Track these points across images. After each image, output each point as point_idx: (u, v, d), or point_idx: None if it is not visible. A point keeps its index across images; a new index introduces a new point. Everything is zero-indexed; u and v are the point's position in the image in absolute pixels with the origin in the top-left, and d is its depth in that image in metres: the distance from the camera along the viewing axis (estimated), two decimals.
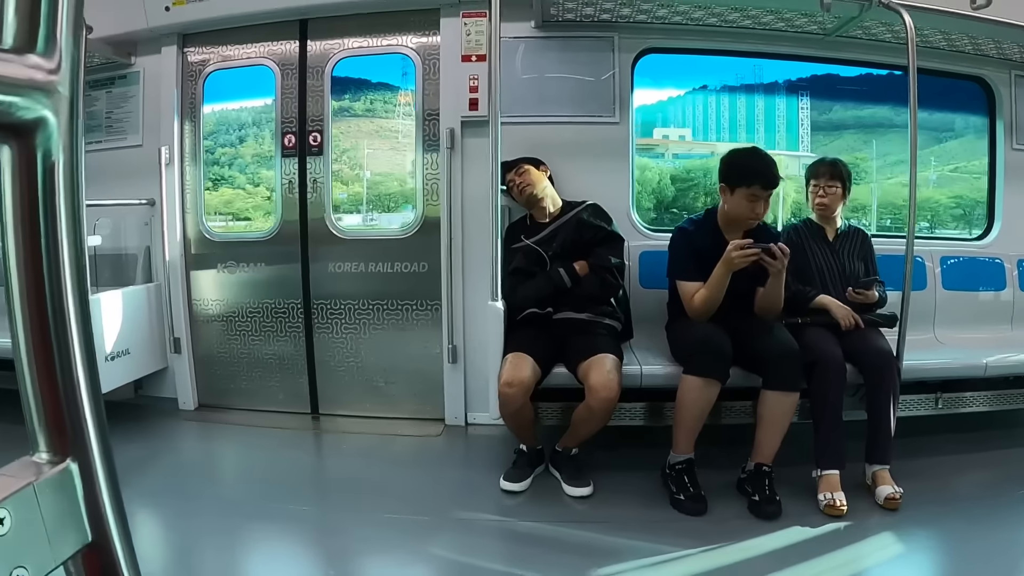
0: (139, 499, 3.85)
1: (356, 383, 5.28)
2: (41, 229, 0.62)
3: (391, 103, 5.49)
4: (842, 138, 6.31)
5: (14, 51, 0.58)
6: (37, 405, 0.65)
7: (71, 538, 0.66)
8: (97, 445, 0.68)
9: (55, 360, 0.65)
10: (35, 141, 0.60)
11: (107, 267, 5.48)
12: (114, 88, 5.51)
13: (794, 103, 6.15)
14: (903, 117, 5.85)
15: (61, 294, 0.64)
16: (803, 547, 3.30)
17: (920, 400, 4.36)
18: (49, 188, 0.62)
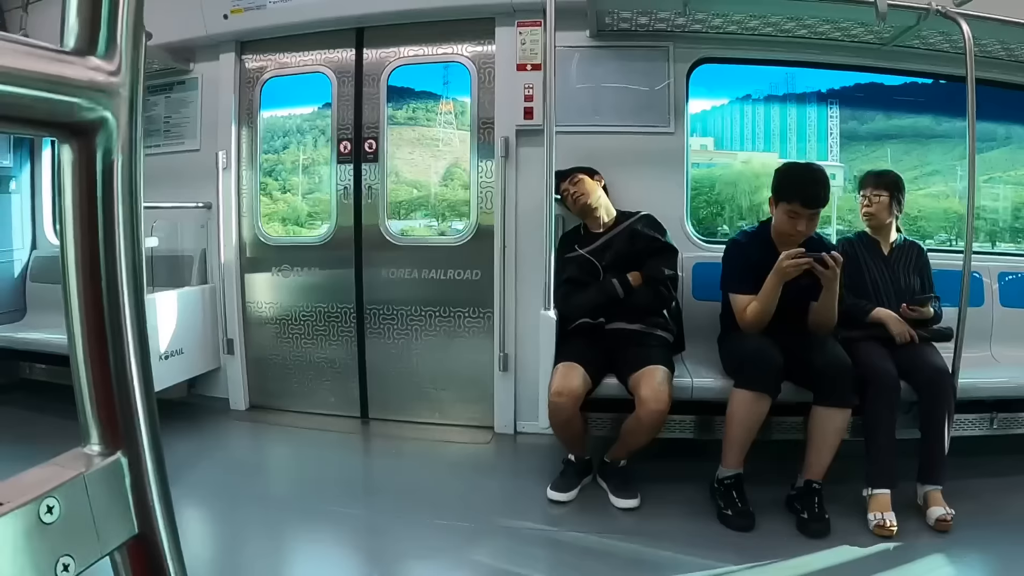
0: (189, 495, 3.94)
1: (407, 389, 5.32)
2: (99, 226, 0.63)
3: (433, 111, 5.54)
4: (881, 148, 6.22)
5: (75, 53, 0.59)
6: (90, 398, 0.66)
7: (118, 529, 0.67)
8: (147, 439, 0.69)
9: (109, 354, 0.66)
10: (95, 141, 0.62)
11: (163, 268, 5.58)
12: (172, 94, 5.61)
13: (824, 112, 6.08)
14: (944, 127, 5.79)
15: (117, 290, 0.65)
16: (851, 567, 3.26)
17: (975, 420, 4.25)
18: (108, 187, 0.63)
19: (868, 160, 6.10)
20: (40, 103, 0.56)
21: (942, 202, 6.16)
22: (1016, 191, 6.14)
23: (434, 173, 5.67)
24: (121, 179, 0.64)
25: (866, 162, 6.03)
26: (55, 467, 0.63)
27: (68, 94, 0.58)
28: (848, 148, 6.18)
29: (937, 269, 4.35)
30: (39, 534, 0.58)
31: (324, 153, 5.59)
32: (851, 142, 6.19)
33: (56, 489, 0.60)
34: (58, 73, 0.57)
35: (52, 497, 0.59)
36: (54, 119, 0.59)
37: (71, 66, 0.58)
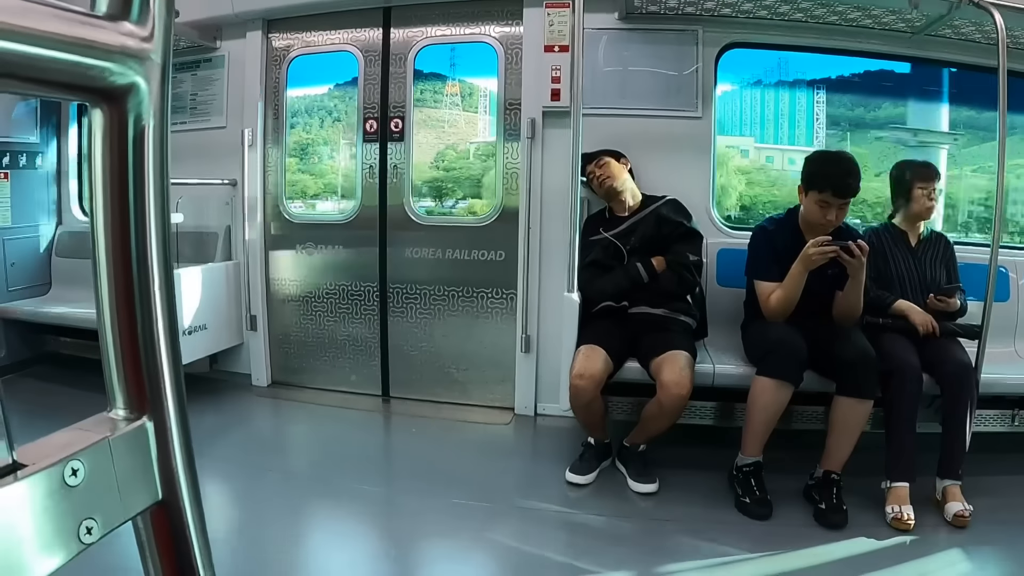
0: (210, 468, 3.98)
1: (428, 368, 5.34)
2: (130, 190, 0.64)
3: (440, 92, 5.55)
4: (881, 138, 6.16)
5: (108, 18, 0.59)
6: (117, 362, 0.67)
7: (142, 495, 0.67)
8: (173, 405, 0.69)
9: (137, 318, 0.66)
10: (127, 106, 0.62)
11: (188, 244, 5.61)
12: (199, 71, 5.63)
13: (810, 98, 6.01)
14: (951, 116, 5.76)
15: (146, 255, 0.65)
16: (867, 559, 3.25)
17: (996, 416, 4.23)
18: (139, 151, 0.63)
19: (874, 149, 6.06)
20: (72, 67, 0.56)
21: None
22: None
23: (441, 154, 5.70)
24: (152, 144, 0.64)
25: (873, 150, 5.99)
26: (80, 431, 0.64)
27: (100, 58, 0.58)
28: (853, 136, 6.12)
29: (963, 263, 4.31)
30: (63, 496, 0.58)
31: (332, 133, 5.66)
32: (856, 129, 6.14)
33: (81, 452, 0.60)
34: (91, 37, 0.57)
35: (77, 460, 0.60)
36: (86, 83, 0.59)
37: (104, 31, 0.58)
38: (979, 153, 5.93)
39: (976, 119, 5.79)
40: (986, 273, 3.84)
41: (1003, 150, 3.82)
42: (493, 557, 3.37)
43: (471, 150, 5.69)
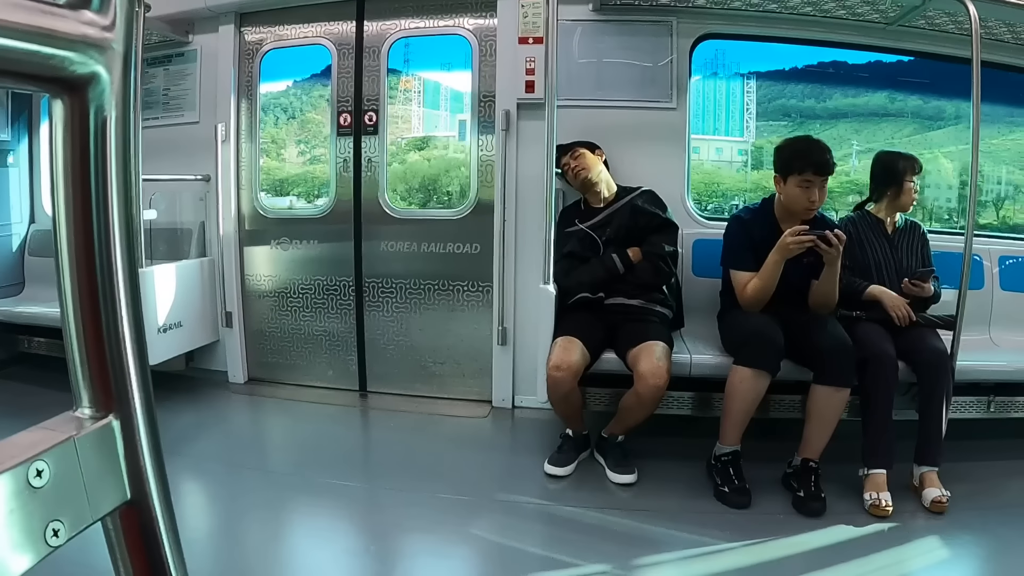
0: (187, 467, 3.97)
1: (405, 362, 5.32)
2: (92, 183, 0.62)
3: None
4: (835, 127, 6.20)
5: (68, 6, 0.58)
6: (81, 359, 0.65)
7: (110, 495, 0.66)
8: (140, 403, 0.68)
9: (101, 315, 0.65)
10: (88, 96, 0.60)
11: (162, 241, 5.58)
12: (171, 65, 5.57)
13: (742, 89, 6.05)
14: (897, 105, 5.80)
15: (110, 249, 0.64)
16: (846, 546, 3.27)
17: (973, 402, 4.25)
18: (101, 143, 0.62)
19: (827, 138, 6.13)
20: (31, 56, 0.55)
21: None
22: (953, 167, 6.19)
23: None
24: (115, 135, 0.63)
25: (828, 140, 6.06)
26: (45, 430, 0.62)
27: (60, 48, 0.57)
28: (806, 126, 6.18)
29: (938, 251, 4.35)
30: (28, 498, 0.57)
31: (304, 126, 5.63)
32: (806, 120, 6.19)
33: (46, 452, 0.59)
34: (50, 26, 0.56)
35: (41, 460, 0.58)
36: (45, 73, 0.57)
37: (64, 19, 0.57)
38: (923, 141, 6.01)
39: (922, 108, 5.87)
40: (960, 261, 3.86)
41: (976, 140, 3.84)
42: (473, 551, 3.36)
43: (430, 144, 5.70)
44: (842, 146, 6.09)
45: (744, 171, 6.26)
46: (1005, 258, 4.92)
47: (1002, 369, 4.22)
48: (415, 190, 5.62)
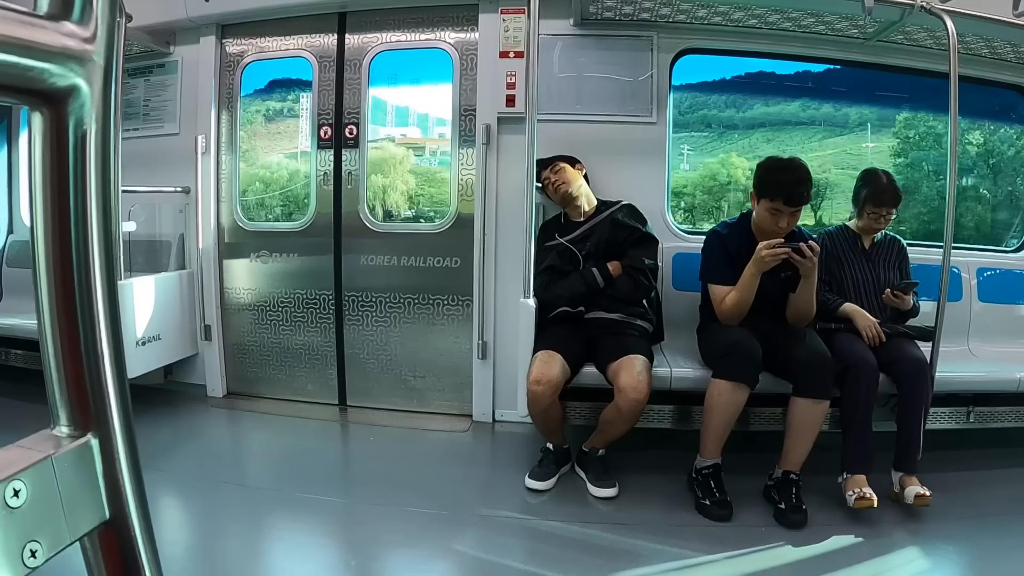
0: (166, 482, 3.93)
1: (385, 376, 5.30)
2: (71, 197, 0.61)
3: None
4: (751, 136, 6.28)
5: (49, 18, 0.57)
6: (60, 377, 0.64)
7: (88, 514, 0.65)
8: (119, 421, 0.67)
9: (80, 332, 0.64)
10: (68, 109, 0.60)
11: (141, 253, 5.51)
12: (152, 76, 5.55)
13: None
14: (808, 113, 5.88)
15: (89, 265, 0.63)
16: (828, 558, 3.28)
17: (952, 413, 4.30)
18: (80, 156, 0.61)
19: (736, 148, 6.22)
20: (10, 68, 0.54)
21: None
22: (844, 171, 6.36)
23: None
24: (94, 148, 0.62)
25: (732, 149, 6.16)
26: (21, 449, 0.61)
27: (40, 59, 0.56)
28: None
29: (916, 263, 4.37)
30: (5, 519, 0.56)
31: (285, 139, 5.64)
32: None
33: (22, 472, 0.58)
34: (30, 38, 0.55)
35: (18, 480, 0.57)
36: (24, 85, 0.57)
37: (44, 31, 0.57)
38: (832, 145, 6.12)
39: (832, 116, 5.96)
40: (939, 274, 3.89)
41: (954, 153, 3.90)
42: (454, 566, 3.34)
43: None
44: (755, 152, 6.22)
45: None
46: (983, 270, 4.98)
47: (981, 379, 4.29)
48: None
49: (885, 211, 4.15)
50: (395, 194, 5.55)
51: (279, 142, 5.75)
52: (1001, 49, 4.74)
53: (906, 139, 6.34)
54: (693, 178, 6.89)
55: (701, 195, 7.06)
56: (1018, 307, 5.03)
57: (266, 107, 5.65)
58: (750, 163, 6.04)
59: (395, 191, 5.55)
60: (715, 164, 6.87)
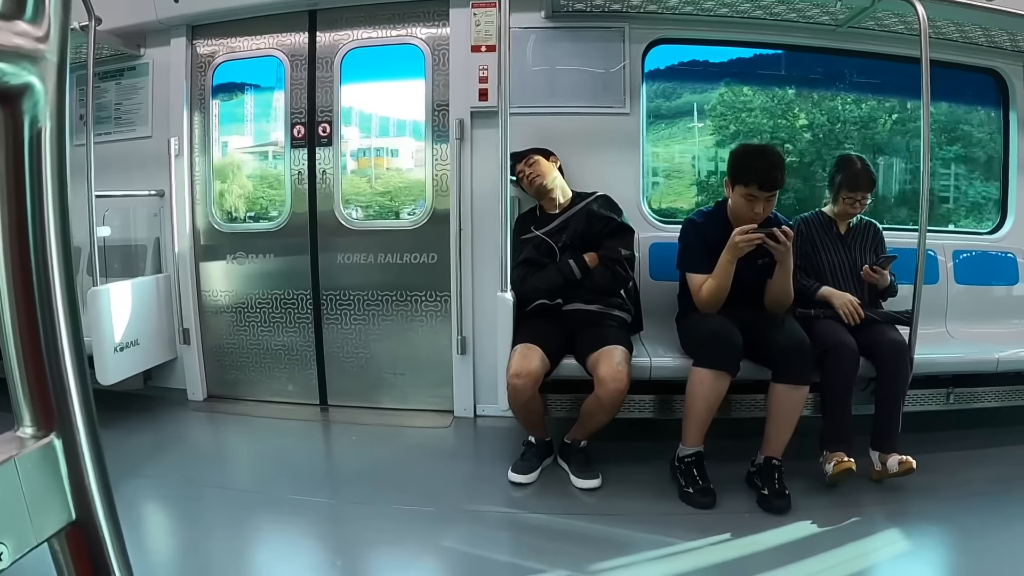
0: (148, 488, 3.91)
1: (365, 374, 5.29)
2: (27, 196, 0.61)
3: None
4: (678, 123, 6.32)
5: (1, 17, 0.56)
6: (21, 378, 0.64)
7: (54, 515, 0.65)
8: (82, 421, 0.66)
9: (40, 332, 0.63)
10: (21, 108, 0.59)
11: (116, 258, 5.48)
12: (123, 80, 5.50)
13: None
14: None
15: (47, 264, 0.63)
16: (812, 541, 3.30)
17: (932, 395, 4.33)
18: (36, 154, 0.61)
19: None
20: None
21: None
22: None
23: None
24: (49, 147, 0.62)
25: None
26: None
27: None
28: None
29: (892, 247, 4.39)
30: None
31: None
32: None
33: None
34: None
35: None
36: None
37: None
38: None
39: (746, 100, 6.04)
40: (915, 257, 3.92)
41: (927, 139, 3.92)
42: (440, 561, 3.35)
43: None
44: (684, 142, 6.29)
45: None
46: (959, 252, 5.03)
47: (959, 360, 4.33)
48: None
49: (860, 196, 4.18)
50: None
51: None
52: (972, 33, 4.77)
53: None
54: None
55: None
56: (994, 288, 5.08)
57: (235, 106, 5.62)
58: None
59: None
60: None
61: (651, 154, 5.55)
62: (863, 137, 6.08)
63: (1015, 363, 4.27)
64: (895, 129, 6.18)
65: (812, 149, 6.27)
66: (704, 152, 6.33)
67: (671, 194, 6.25)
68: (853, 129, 6.09)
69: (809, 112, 6.22)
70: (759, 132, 6.10)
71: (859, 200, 4.19)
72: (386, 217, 5.47)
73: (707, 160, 6.28)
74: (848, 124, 6.09)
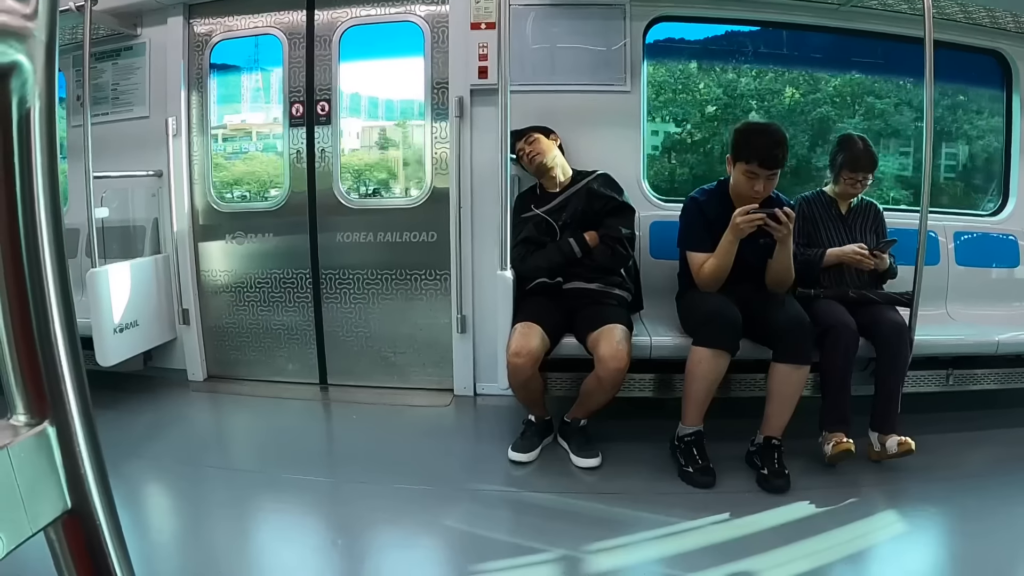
0: (149, 469, 3.92)
1: (365, 353, 5.29)
2: (16, 178, 0.59)
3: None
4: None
5: None
6: (13, 365, 0.62)
7: (49, 505, 0.63)
8: (77, 408, 0.65)
9: (32, 318, 0.62)
10: (10, 87, 0.58)
11: (115, 239, 5.43)
12: (120, 60, 5.45)
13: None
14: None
15: (37, 248, 0.61)
16: (811, 521, 3.31)
17: (931, 376, 4.34)
18: (24, 135, 0.59)
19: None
20: None
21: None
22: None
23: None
24: (39, 127, 0.60)
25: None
26: None
27: None
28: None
29: (894, 228, 4.41)
30: None
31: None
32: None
33: None
34: None
35: None
36: None
37: None
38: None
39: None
40: (916, 238, 3.90)
41: (930, 120, 3.88)
42: (440, 540, 3.35)
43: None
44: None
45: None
46: (960, 234, 5.02)
47: (960, 342, 4.32)
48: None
49: (862, 176, 4.18)
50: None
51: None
52: (976, 14, 4.75)
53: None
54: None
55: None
56: (995, 270, 5.08)
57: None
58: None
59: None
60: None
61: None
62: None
63: (1015, 345, 4.28)
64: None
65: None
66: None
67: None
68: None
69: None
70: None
71: (860, 180, 4.18)
72: (385, 196, 5.46)
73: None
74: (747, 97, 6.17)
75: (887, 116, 6.02)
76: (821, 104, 6.43)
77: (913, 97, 5.69)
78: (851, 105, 6.18)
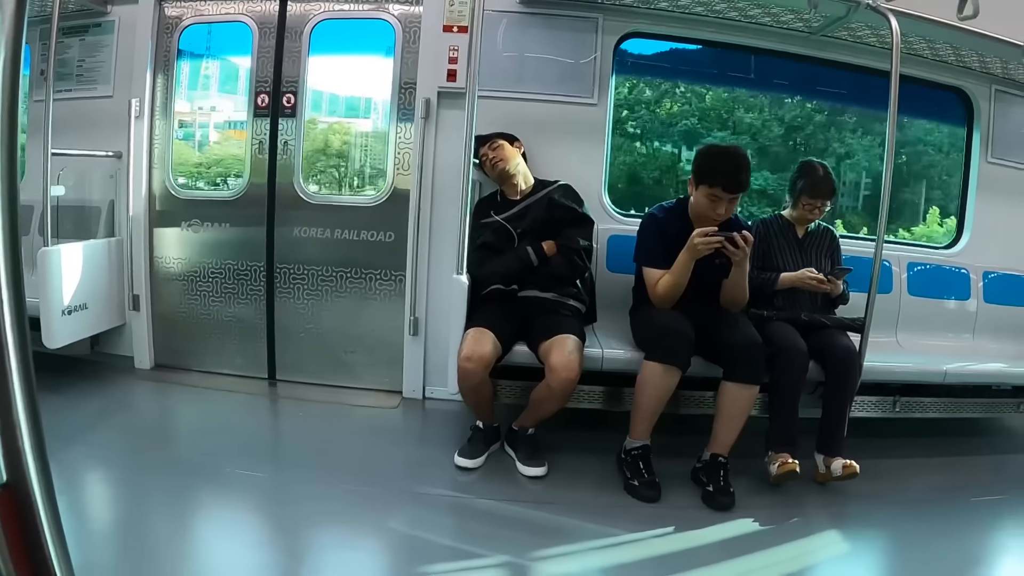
0: (91, 457, 3.84)
1: (315, 350, 5.24)
2: None
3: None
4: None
5: None
6: None
7: None
8: (19, 383, 0.64)
9: None
10: None
11: (69, 219, 5.34)
12: (88, 36, 5.36)
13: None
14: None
15: None
16: (753, 539, 3.35)
17: (879, 402, 4.44)
18: None
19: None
20: None
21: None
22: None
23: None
24: (2, 75, 0.58)
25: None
26: None
27: None
28: None
29: (849, 256, 4.49)
30: None
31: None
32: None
33: None
34: None
35: None
36: None
37: None
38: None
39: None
40: (870, 266, 3.97)
41: (892, 149, 3.97)
42: (382, 542, 3.33)
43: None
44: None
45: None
46: (913, 264, 5.11)
47: (908, 370, 4.40)
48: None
49: (820, 203, 4.23)
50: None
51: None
52: (943, 51, 4.83)
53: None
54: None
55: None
56: (946, 302, 5.17)
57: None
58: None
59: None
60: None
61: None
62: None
63: (961, 376, 4.37)
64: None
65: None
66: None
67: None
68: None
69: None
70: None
71: (818, 207, 4.24)
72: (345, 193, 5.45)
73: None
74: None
75: (755, 132, 6.12)
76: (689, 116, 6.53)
77: (786, 113, 5.77)
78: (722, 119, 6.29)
